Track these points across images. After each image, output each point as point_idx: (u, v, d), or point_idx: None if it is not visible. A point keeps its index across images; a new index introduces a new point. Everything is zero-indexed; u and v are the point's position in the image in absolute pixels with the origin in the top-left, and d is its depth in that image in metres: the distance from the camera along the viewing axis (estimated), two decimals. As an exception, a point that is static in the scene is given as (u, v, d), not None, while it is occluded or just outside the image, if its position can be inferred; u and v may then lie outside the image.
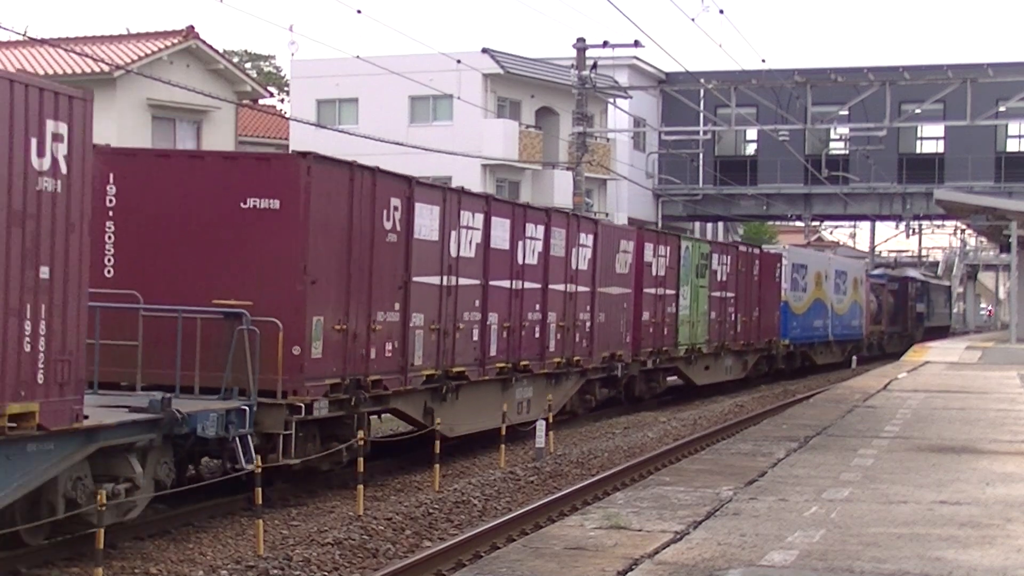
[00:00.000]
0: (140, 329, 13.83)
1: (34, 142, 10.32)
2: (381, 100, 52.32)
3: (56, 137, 10.58)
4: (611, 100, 54.66)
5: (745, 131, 61.02)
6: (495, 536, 12.71)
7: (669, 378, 30.91)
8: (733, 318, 34.14)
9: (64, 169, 10.67)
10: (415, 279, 17.39)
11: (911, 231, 68.86)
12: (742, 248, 37.01)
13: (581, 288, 23.85)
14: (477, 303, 19.53)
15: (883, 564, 8.83)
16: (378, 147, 42.23)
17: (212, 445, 13.35)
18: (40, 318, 10.48)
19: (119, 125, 38.12)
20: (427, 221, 17.77)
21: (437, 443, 15.77)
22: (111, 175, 14.96)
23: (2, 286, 10.09)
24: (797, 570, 8.64)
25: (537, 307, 21.97)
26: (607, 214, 57.75)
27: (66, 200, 10.74)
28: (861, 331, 50.91)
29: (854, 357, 47.26)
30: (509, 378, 20.78)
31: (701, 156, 59.80)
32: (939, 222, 75.68)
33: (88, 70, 37.14)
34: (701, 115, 51.38)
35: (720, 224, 72.20)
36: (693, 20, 37.78)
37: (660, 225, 61.82)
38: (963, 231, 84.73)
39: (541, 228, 22.11)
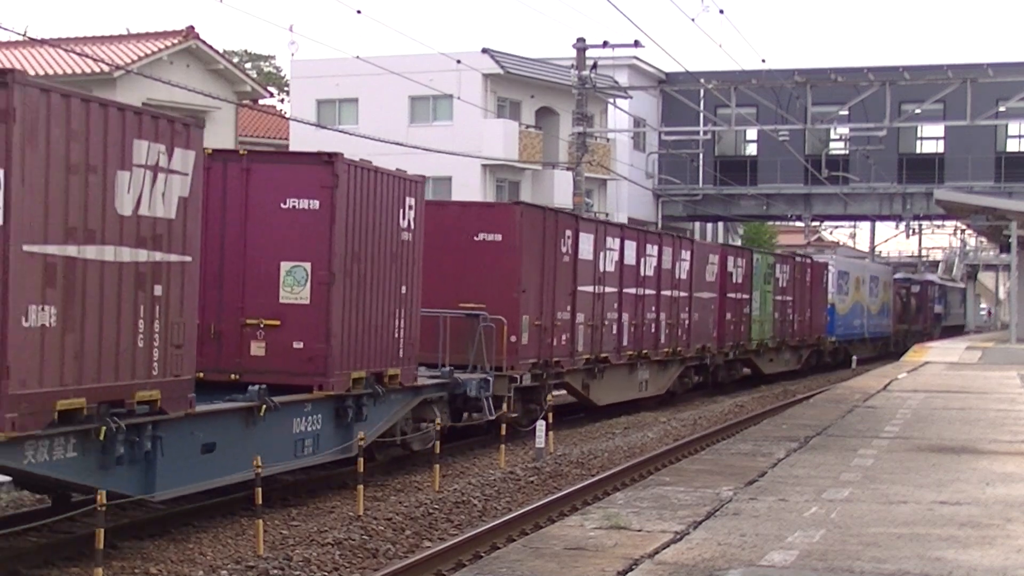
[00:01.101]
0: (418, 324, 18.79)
1: (400, 212, 16.89)
2: (381, 100, 52.32)
3: (410, 207, 17.15)
4: (611, 100, 54.66)
5: (745, 131, 61.00)
6: (495, 536, 12.71)
7: (744, 369, 37.19)
8: (791, 318, 40.55)
9: (412, 227, 17.24)
10: (579, 288, 24.05)
11: (911, 231, 68.87)
12: (798, 258, 43.47)
13: (682, 293, 30.40)
14: (615, 305, 26.10)
15: (883, 564, 8.83)
16: (378, 147, 42.26)
17: (471, 402, 19.42)
18: (400, 318, 16.93)
19: (119, 125, 38.19)
20: (586, 246, 24.37)
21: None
22: None
23: (386, 298, 16.60)
24: (797, 570, 8.64)
25: (653, 308, 28.36)
26: (607, 214, 57.80)
27: (412, 244, 17.27)
28: (890, 329, 57.31)
29: (854, 357, 47.35)
30: (635, 363, 27.37)
31: (701, 156, 59.80)
32: (939, 222, 75.70)
33: (88, 70, 37.14)
34: (701, 115, 51.38)
35: (720, 224, 72.20)
36: (693, 20, 37.82)
37: (660, 225, 61.86)
38: (963, 231, 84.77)
39: (655, 247, 28.73)
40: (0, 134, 9.99)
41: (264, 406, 13.84)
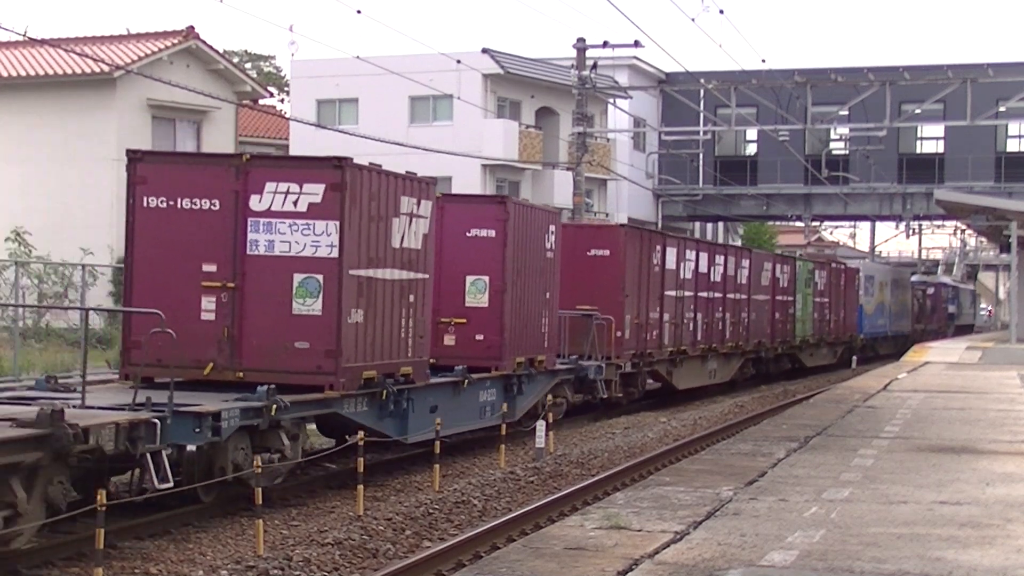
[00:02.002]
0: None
1: (546, 236, 21.88)
2: (381, 100, 52.30)
3: (552, 232, 22.17)
4: (611, 100, 54.65)
5: (745, 131, 61.00)
6: (495, 536, 12.71)
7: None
8: (827, 318, 45.56)
9: (553, 247, 22.25)
10: (666, 293, 29.30)
11: (911, 231, 68.92)
12: (833, 264, 48.78)
13: (742, 296, 35.28)
14: (692, 307, 31.19)
15: (883, 564, 8.83)
16: (378, 147, 42.20)
17: (588, 383, 24.07)
18: (546, 317, 21.95)
19: (119, 125, 38.13)
20: (671, 258, 29.68)
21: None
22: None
23: (537, 302, 21.51)
24: (797, 570, 8.64)
25: (720, 309, 33.32)
26: (607, 214, 57.82)
27: (553, 261, 22.34)
28: (908, 328, 62.30)
29: (854, 357, 47.43)
30: (706, 355, 32.24)
31: (701, 156, 59.79)
32: (939, 222, 75.73)
33: (88, 70, 37.14)
34: (701, 115, 51.39)
35: (720, 224, 72.18)
36: (693, 20, 37.83)
37: (660, 225, 61.87)
38: (963, 231, 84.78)
39: (721, 257, 34.00)
40: (336, 199, 15.15)
41: (466, 380, 18.92)
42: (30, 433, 10.97)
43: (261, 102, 51.93)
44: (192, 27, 40.09)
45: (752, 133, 61.90)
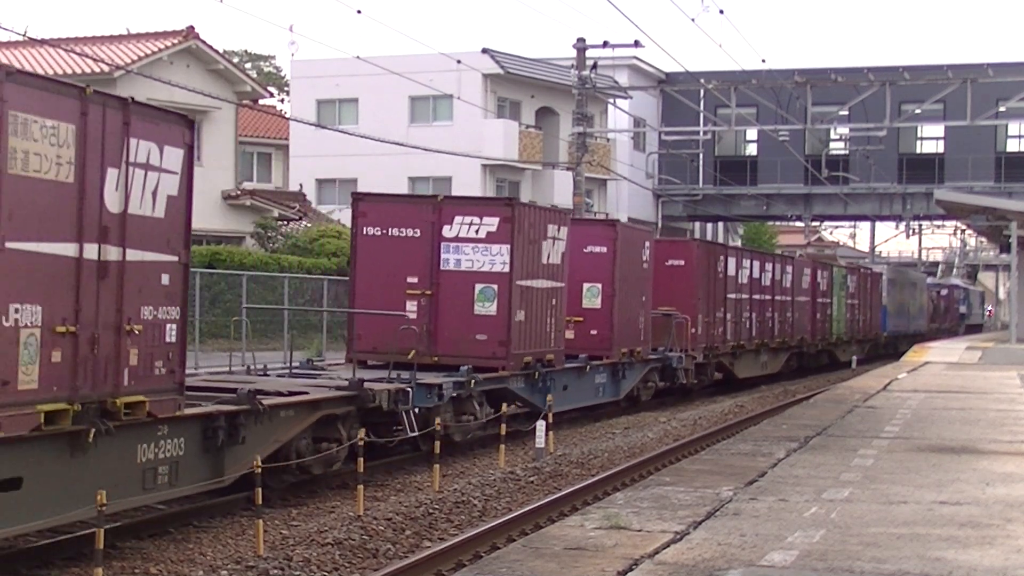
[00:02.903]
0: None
1: (643, 251, 26.51)
2: (381, 100, 52.32)
3: (647, 247, 26.82)
4: (611, 100, 54.66)
5: (745, 131, 61.01)
6: (495, 536, 12.70)
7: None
8: (857, 317, 50.26)
9: (648, 259, 27.36)
10: (728, 295, 33.71)
11: (911, 231, 68.94)
12: (863, 269, 54.26)
13: (787, 298, 40.03)
14: (747, 307, 35.71)
15: (883, 564, 8.83)
16: (378, 147, 42.22)
17: (670, 372, 28.81)
18: (642, 316, 26.93)
19: (119, 125, 38.18)
20: (732, 266, 34.28)
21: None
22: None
23: (636, 304, 26.46)
24: (797, 570, 8.64)
25: (770, 309, 38.12)
26: (607, 214, 57.81)
27: (648, 270, 27.56)
28: (924, 327, 66.57)
29: (854, 357, 47.48)
30: (759, 349, 36.90)
31: (701, 156, 59.79)
32: (939, 222, 75.75)
33: (88, 70, 37.13)
34: (701, 115, 51.37)
35: (720, 224, 72.16)
36: (693, 20, 37.84)
37: (660, 225, 61.84)
38: (963, 231, 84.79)
39: (770, 264, 38.96)
40: (507, 229, 20.28)
41: (588, 366, 24.07)
42: (346, 394, 16.21)
43: (261, 102, 51.94)
44: (192, 27, 40.10)
45: (752, 133, 61.91)
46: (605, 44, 39.70)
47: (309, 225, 45.15)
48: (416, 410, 17.46)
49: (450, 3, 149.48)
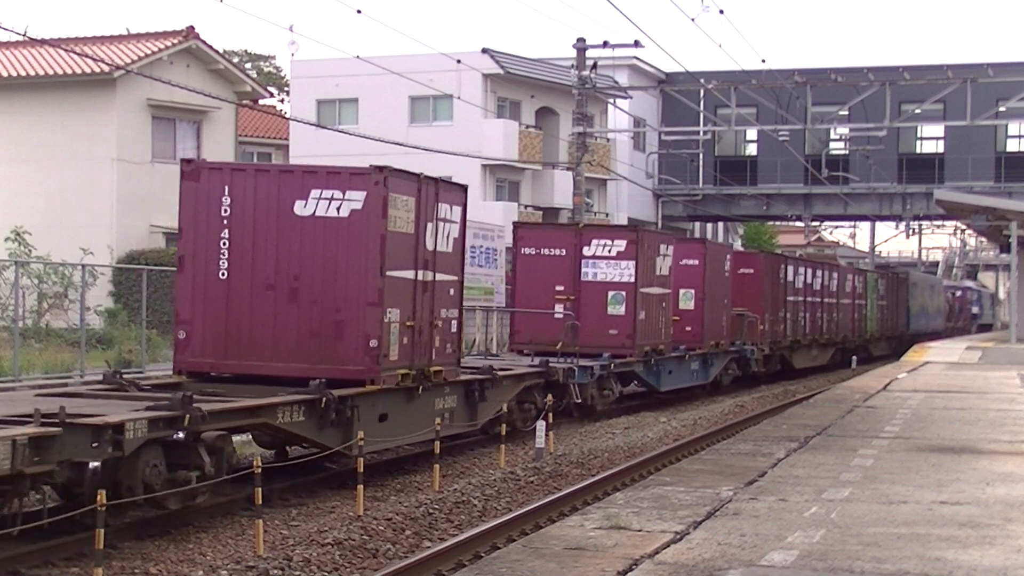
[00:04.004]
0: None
1: (725, 262, 33.44)
2: (381, 100, 52.30)
3: (728, 259, 33.68)
4: (611, 100, 54.63)
5: (745, 131, 60.98)
6: (495, 536, 12.70)
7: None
8: (886, 317, 56.36)
9: (728, 268, 33.52)
10: (787, 298, 39.75)
11: (911, 231, 68.94)
12: (891, 274, 60.19)
13: (833, 300, 46.13)
14: (803, 308, 41.83)
15: (883, 564, 8.83)
16: (378, 147, 42.18)
17: (744, 361, 34.49)
18: (725, 315, 32.91)
19: (119, 125, 38.15)
20: (790, 272, 40.52)
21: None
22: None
23: (720, 305, 32.43)
24: (797, 570, 8.64)
25: (820, 310, 44.23)
26: (607, 215, 57.80)
27: (728, 277, 33.67)
28: (942, 326, 72.03)
29: (854, 357, 47.51)
30: (811, 344, 43.01)
31: (701, 156, 59.76)
32: (939, 222, 75.73)
33: (88, 70, 37.14)
34: (701, 115, 51.37)
35: (720, 224, 72.13)
36: (693, 20, 37.80)
37: (660, 225, 61.80)
38: (963, 231, 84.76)
39: (821, 271, 45.19)
40: (633, 249, 26.49)
41: (686, 355, 30.00)
42: (537, 371, 22.23)
43: (261, 102, 51.93)
44: (192, 27, 40.10)
45: (752, 133, 61.88)
46: (605, 44, 39.68)
47: (309, 225, 45.09)
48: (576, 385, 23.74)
49: (450, 3, 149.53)
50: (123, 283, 34.47)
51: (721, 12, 37.05)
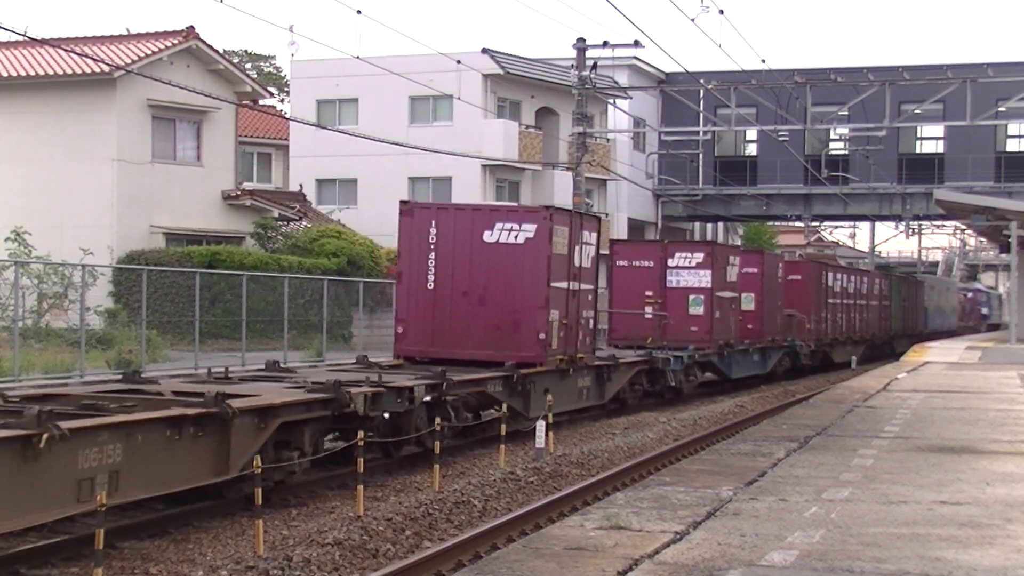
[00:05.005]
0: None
1: (778, 271, 39.33)
2: (381, 100, 52.29)
3: (780, 267, 39.71)
4: (611, 100, 54.64)
5: (745, 131, 60.98)
6: (495, 536, 12.70)
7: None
8: (907, 316, 61.48)
9: (782, 276, 39.42)
10: (828, 300, 44.22)
11: (911, 231, 68.94)
12: (910, 278, 66.92)
13: (863, 302, 50.93)
14: (841, 309, 46.60)
15: (883, 564, 8.83)
16: (378, 147, 42.17)
17: (795, 355, 39.85)
18: (778, 315, 38.54)
19: (119, 125, 38.13)
20: (830, 278, 45.16)
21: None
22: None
23: (774, 307, 38.02)
24: (797, 570, 8.64)
25: (853, 311, 48.72)
26: (607, 215, 57.81)
27: (781, 282, 39.04)
28: (956, 324, 78.09)
29: (853, 357, 47.54)
30: (846, 341, 47.58)
31: (701, 156, 59.73)
32: (939, 222, 75.71)
33: (88, 70, 37.12)
34: (701, 115, 51.34)
35: (720, 224, 72.12)
36: (693, 20, 37.73)
37: (660, 225, 61.79)
38: (963, 231, 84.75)
39: (855, 276, 50.26)
40: (709, 260, 31.66)
41: (750, 348, 34.95)
42: (644, 359, 28.08)
43: (261, 102, 51.91)
44: (192, 27, 40.07)
45: (752, 133, 61.88)
46: (605, 44, 39.67)
47: (309, 225, 45.14)
48: (674, 367, 28.83)
49: (450, 3, 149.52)
50: (123, 283, 34.49)
51: (721, 12, 37.04)
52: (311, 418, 14.86)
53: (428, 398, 17.68)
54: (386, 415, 16.93)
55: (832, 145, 62.25)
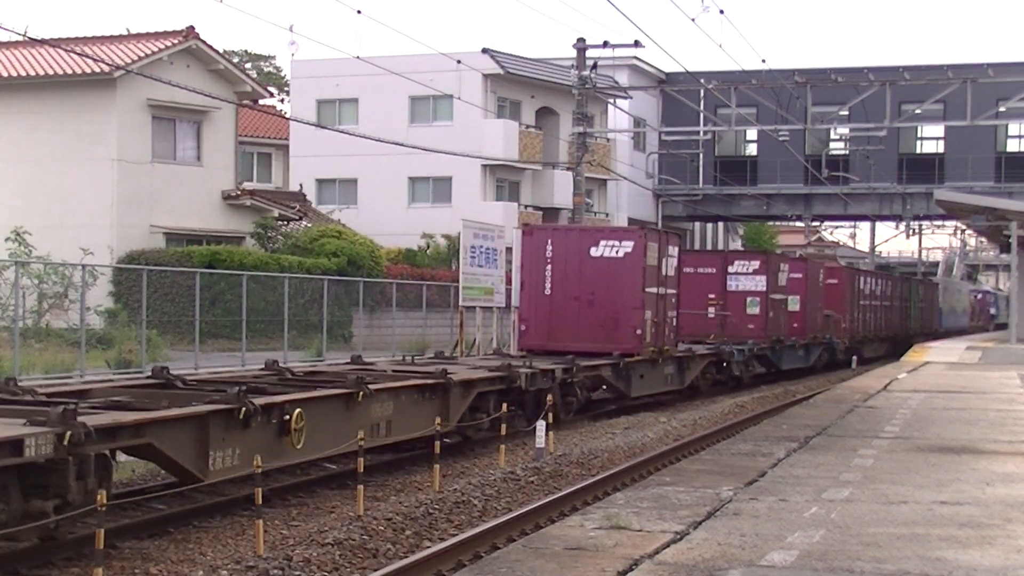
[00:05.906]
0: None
1: (820, 277, 43.76)
2: (381, 100, 52.29)
3: (821, 272, 44.13)
4: (611, 100, 54.63)
5: (745, 131, 60.98)
6: (495, 536, 12.69)
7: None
8: (923, 316, 65.79)
9: (821, 279, 43.71)
10: (860, 302, 48.92)
11: (911, 231, 68.95)
12: (926, 280, 72.68)
13: (888, 303, 55.42)
14: (870, 310, 51.13)
15: (883, 564, 8.83)
16: (378, 147, 42.17)
17: (832, 351, 44.04)
18: (817, 316, 42.85)
19: (119, 125, 38.13)
20: (861, 281, 50.29)
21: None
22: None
23: (815, 308, 42.03)
24: (797, 570, 8.64)
25: (880, 312, 53.33)
26: (607, 215, 57.78)
27: (821, 286, 43.54)
28: (967, 324, 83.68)
29: (854, 357, 47.54)
30: (874, 338, 52.01)
31: (701, 156, 59.76)
32: (939, 222, 75.73)
33: (88, 70, 37.12)
34: (701, 115, 51.35)
35: (720, 224, 72.11)
36: (693, 20, 37.76)
37: (660, 225, 61.79)
38: (963, 231, 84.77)
39: (880, 279, 55.16)
40: (765, 267, 36.65)
41: (796, 344, 38.96)
42: (714, 352, 32.19)
43: (261, 102, 51.91)
44: (192, 27, 40.06)
45: (752, 133, 61.89)
46: (605, 44, 39.65)
47: (309, 225, 45.14)
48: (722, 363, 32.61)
49: (450, 3, 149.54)
50: (123, 283, 34.49)
51: (721, 12, 37.05)
52: (492, 390, 19.84)
53: (563, 378, 22.48)
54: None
55: (832, 145, 62.26)
